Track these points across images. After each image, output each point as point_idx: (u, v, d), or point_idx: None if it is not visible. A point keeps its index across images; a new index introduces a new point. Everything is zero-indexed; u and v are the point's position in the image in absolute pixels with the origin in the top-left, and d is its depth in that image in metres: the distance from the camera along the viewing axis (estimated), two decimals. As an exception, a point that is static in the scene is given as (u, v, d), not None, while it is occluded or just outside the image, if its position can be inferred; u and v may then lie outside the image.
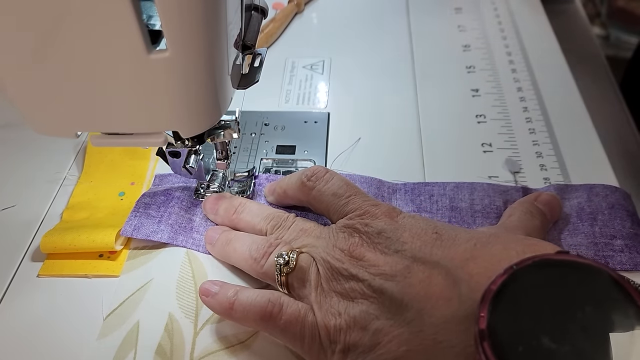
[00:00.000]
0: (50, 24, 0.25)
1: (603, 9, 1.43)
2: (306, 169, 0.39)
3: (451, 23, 0.62)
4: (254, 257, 0.36)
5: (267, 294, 0.34)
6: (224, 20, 0.29)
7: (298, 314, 0.33)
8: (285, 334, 0.33)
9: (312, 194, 0.38)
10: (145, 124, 0.31)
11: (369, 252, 0.33)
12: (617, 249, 0.37)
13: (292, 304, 0.33)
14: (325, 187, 0.38)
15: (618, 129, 0.57)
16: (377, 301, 0.31)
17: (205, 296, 0.35)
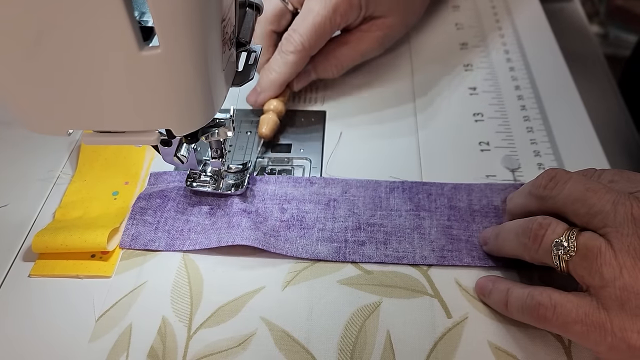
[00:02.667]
0: (41, 21, 0.25)
1: (602, 7, 1.43)
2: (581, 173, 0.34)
3: (449, 21, 0.61)
4: (524, 243, 0.33)
5: (537, 294, 0.31)
6: (217, 17, 0.28)
7: (576, 312, 0.29)
8: (567, 334, 0.30)
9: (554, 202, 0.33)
10: (138, 121, 0.30)
11: None
12: None
13: (566, 302, 0.29)
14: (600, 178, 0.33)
15: (616, 128, 0.56)
16: None
17: (482, 295, 0.34)
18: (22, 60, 0.27)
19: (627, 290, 0.27)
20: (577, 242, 0.29)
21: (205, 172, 0.43)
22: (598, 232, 0.29)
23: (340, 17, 0.47)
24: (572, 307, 0.29)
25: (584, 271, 0.29)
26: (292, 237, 0.40)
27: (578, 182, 0.31)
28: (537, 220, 0.32)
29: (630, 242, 0.27)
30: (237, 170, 0.43)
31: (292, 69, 0.48)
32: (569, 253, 0.29)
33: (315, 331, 0.36)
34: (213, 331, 0.36)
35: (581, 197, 0.30)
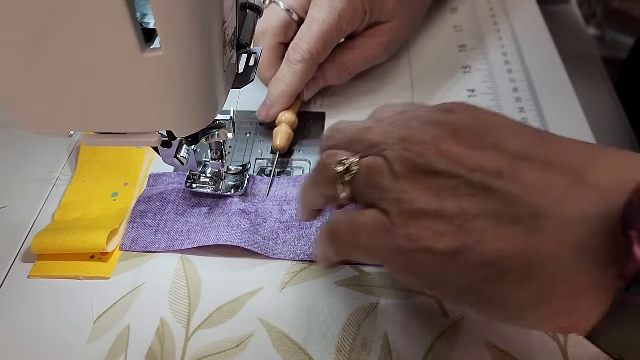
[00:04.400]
0: (43, 22, 0.25)
1: (599, 9, 1.43)
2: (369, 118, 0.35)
3: (447, 23, 0.62)
4: (316, 180, 0.33)
5: (332, 215, 0.32)
6: (219, 19, 0.28)
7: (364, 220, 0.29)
8: (356, 248, 0.30)
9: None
10: (139, 123, 0.30)
11: (459, 147, 0.28)
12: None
13: (358, 214, 0.30)
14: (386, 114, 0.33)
15: (614, 130, 0.57)
16: (475, 198, 0.26)
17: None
18: (24, 62, 0.27)
19: (404, 193, 0.28)
20: (359, 163, 0.30)
21: (205, 174, 0.43)
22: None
23: (346, 24, 0.47)
24: (362, 218, 0.29)
25: (367, 189, 0.30)
26: (291, 238, 0.40)
27: (356, 124, 0.33)
28: (326, 153, 0.33)
29: (401, 154, 0.29)
30: (236, 172, 0.43)
31: (301, 79, 0.47)
32: (351, 172, 0.30)
33: (314, 332, 0.36)
34: (211, 332, 0.36)
35: (356, 135, 0.32)
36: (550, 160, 0.26)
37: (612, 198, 0.24)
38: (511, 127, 0.28)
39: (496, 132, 0.28)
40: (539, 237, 0.25)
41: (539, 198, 0.26)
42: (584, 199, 0.25)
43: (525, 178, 0.26)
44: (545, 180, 0.26)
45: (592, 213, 0.25)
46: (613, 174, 0.25)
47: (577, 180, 0.25)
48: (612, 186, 0.25)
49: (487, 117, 0.29)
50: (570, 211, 0.25)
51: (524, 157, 0.27)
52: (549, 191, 0.26)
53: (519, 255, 0.25)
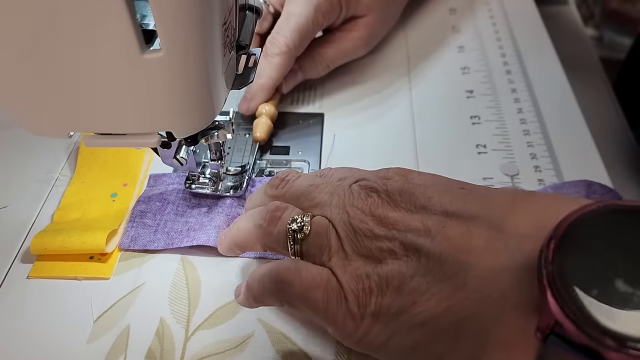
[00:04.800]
0: (43, 23, 0.25)
1: (597, 10, 1.43)
2: (315, 171, 0.37)
3: (445, 24, 0.62)
4: (260, 225, 0.33)
5: (281, 261, 0.32)
6: (219, 21, 0.28)
7: (320, 278, 0.30)
8: (307, 301, 0.30)
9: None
10: (139, 124, 0.30)
11: (393, 212, 0.30)
12: None
13: (311, 267, 0.31)
14: (331, 179, 0.35)
15: (612, 130, 0.57)
16: (410, 260, 0.28)
17: (237, 297, 0.34)
18: (24, 63, 0.27)
19: (347, 258, 0.30)
20: (311, 223, 0.32)
21: (204, 174, 0.43)
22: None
23: (322, 17, 0.49)
24: (316, 273, 0.31)
25: (316, 249, 0.31)
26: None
27: (304, 179, 0.35)
28: (274, 204, 0.34)
29: (341, 217, 0.31)
30: (235, 173, 0.44)
31: (279, 72, 0.48)
32: (303, 232, 0.31)
33: (313, 333, 0.36)
34: (210, 333, 0.36)
35: (305, 191, 0.34)
36: (473, 214, 0.28)
37: (528, 246, 0.26)
38: (438, 185, 0.31)
39: (424, 192, 0.30)
40: (465, 293, 0.26)
41: (462, 253, 0.27)
42: (502, 250, 0.26)
43: (451, 233, 0.28)
44: (467, 234, 0.27)
45: (511, 263, 0.26)
46: (531, 221, 0.27)
47: (496, 231, 0.27)
48: (530, 233, 0.26)
49: (415, 178, 0.32)
50: (491, 263, 0.26)
51: (449, 214, 0.29)
52: (471, 245, 0.27)
53: (450, 313, 0.27)
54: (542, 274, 0.22)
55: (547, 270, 0.22)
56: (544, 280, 0.22)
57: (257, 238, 0.34)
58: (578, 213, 0.24)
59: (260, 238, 0.34)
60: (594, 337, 0.21)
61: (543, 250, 0.23)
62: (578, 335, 0.21)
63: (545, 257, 0.23)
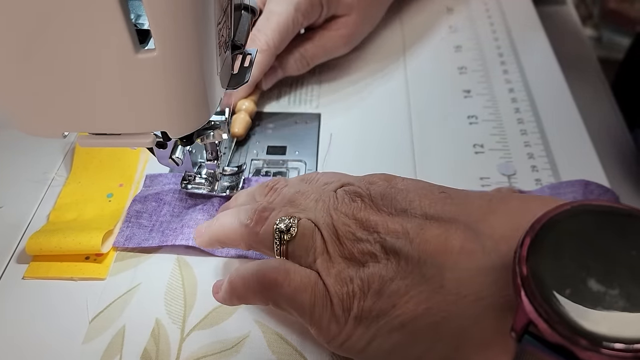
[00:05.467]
0: (36, 22, 0.25)
1: (595, 10, 1.43)
2: (302, 175, 0.38)
3: (443, 24, 0.62)
4: (246, 224, 0.34)
5: (269, 261, 0.32)
6: (213, 20, 0.28)
7: (308, 280, 0.31)
8: (294, 303, 0.31)
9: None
10: (133, 124, 0.30)
11: (374, 215, 0.31)
12: None
13: (299, 269, 0.31)
14: (317, 183, 0.36)
15: (609, 130, 0.57)
16: (389, 262, 0.29)
17: (216, 293, 0.34)
18: (17, 62, 0.27)
19: (331, 261, 0.31)
20: (298, 225, 0.32)
21: (200, 174, 0.43)
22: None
23: (302, 16, 0.49)
24: (305, 275, 0.31)
25: (302, 251, 0.32)
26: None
27: (292, 187, 0.35)
28: (262, 204, 0.34)
29: (326, 221, 0.32)
30: (232, 173, 0.43)
31: (259, 69, 0.49)
32: (290, 233, 0.32)
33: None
34: (206, 333, 0.36)
35: (291, 198, 0.34)
36: (451, 217, 0.29)
37: (504, 247, 0.26)
38: (420, 189, 0.31)
39: (405, 196, 0.31)
40: (442, 295, 0.27)
41: (440, 256, 0.28)
42: (479, 251, 0.27)
43: (428, 236, 0.28)
44: (444, 237, 0.28)
45: (487, 264, 0.26)
46: (508, 222, 0.27)
47: (473, 233, 0.28)
48: (506, 234, 0.27)
49: (398, 183, 0.32)
50: (467, 265, 0.27)
51: (428, 217, 0.29)
52: (448, 247, 0.28)
53: (427, 315, 0.27)
54: (516, 274, 0.23)
55: (520, 270, 0.23)
56: (517, 281, 0.23)
57: (242, 237, 0.34)
58: (551, 214, 0.24)
59: (245, 237, 0.34)
60: (567, 337, 0.21)
61: (517, 250, 0.23)
62: (552, 335, 0.21)
63: (519, 258, 0.23)
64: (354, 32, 0.53)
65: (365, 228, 0.31)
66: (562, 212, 0.24)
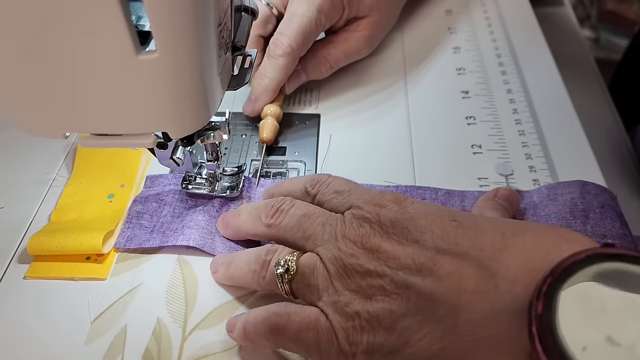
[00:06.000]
0: (38, 23, 0.25)
1: (593, 11, 1.44)
2: (310, 177, 0.38)
3: (442, 25, 0.62)
4: (254, 270, 0.35)
5: (273, 306, 0.32)
6: (214, 22, 0.28)
7: (309, 320, 0.31)
8: (299, 344, 0.31)
9: (316, 199, 0.36)
10: (134, 125, 0.31)
11: (385, 243, 0.30)
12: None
13: (300, 311, 0.31)
14: (327, 188, 0.36)
15: (607, 131, 0.57)
16: (400, 297, 0.28)
17: (230, 332, 0.34)
18: (19, 63, 0.27)
19: (337, 294, 0.30)
20: (297, 263, 0.32)
21: (201, 175, 0.43)
22: (314, 252, 0.33)
23: (325, 18, 0.49)
24: (305, 315, 0.31)
25: (305, 288, 0.32)
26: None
27: (298, 209, 0.35)
28: (265, 248, 0.35)
29: (332, 253, 0.31)
30: (232, 173, 0.44)
31: (283, 72, 0.49)
32: (290, 273, 0.32)
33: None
34: (207, 333, 0.36)
35: (297, 223, 0.34)
36: (463, 252, 0.28)
37: (519, 289, 0.26)
38: (430, 216, 0.31)
39: (417, 224, 0.30)
40: (456, 336, 0.27)
41: (453, 295, 0.27)
42: (493, 293, 0.26)
43: (442, 273, 0.28)
44: (457, 275, 0.27)
45: (502, 307, 0.26)
46: (522, 262, 0.27)
47: (487, 272, 0.27)
48: (520, 275, 0.26)
49: (408, 206, 0.32)
50: (481, 307, 0.26)
51: (440, 250, 0.29)
52: (462, 286, 0.27)
53: (442, 355, 0.27)
54: (532, 327, 0.23)
55: (536, 324, 0.23)
56: (533, 334, 0.23)
57: (253, 282, 0.35)
58: (565, 264, 0.24)
59: (256, 282, 0.35)
60: None
61: (533, 302, 0.23)
62: None
63: (535, 310, 0.23)
64: (375, 32, 0.53)
65: (375, 258, 0.30)
66: (577, 261, 0.24)
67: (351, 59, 0.54)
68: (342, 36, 0.52)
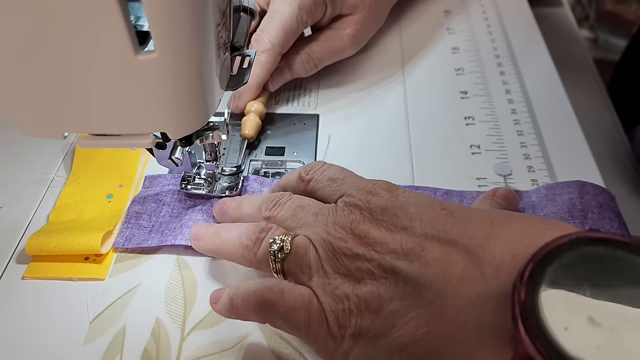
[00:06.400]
0: (37, 23, 0.25)
1: (592, 12, 1.44)
2: (305, 165, 0.39)
3: (440, 25, 0.62)
4: (245, 245, 0.34)
5: (265, 281, 0.32)
6: (213, 22, 0.28)
7: (302, 299, 0.31)
8: (289, 322, 0.31)
9: (310, 185, 0.37)
10: (133, 125, 0.31)
11: (373, 230, 0.30)
12: None
13: (293, 288, 0.32)
14: (321, 175, 0.37)
15: (605, 131, 0.57)
16: (388, 282, 0.29)
17: (214, 303, 0.34)
18: (17, 63, 0.27)
19: (327, 277, 0.31)
20: (291, 242, 0.33)
21: (200, 175, 0.43)
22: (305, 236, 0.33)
23: (306, 14, 0.49)
24: (299, 294, 0.31)
25: (296, 268, 0.32)
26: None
27: (294, 201, 0.36)
28: (260, 225, 0.35)
29: (322, 237, 0.32)
30: (231, 173, 0.44)
31: (265, 69, 0.49)
32: (284, 251, 0.33)
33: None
34: (206, 333, 0.36)
35: (292, 213, 0.35)
36: (451, 239, 0.28)
37: (504, 275, 0.26)
38: (421, 205, 0.31)
39: (406, 211, 0.31)
40: (442, 321, 0.27)
41: (440, 280, 0.27)
42: (479, 278, 0.27)
43: (429, 259, 0.28)
44: (445, 261, 0.28)
45: (487, 292, 0.26)
46: (508, 248, 0.27)
47: (474, 259, 0.27)
48: (506, 261, 0.26)
49: (400, 195, 0.32)
50: (467, 292, 0.27)
51: (428, 237, 0.29)
52: (449, 272, 0.27)
53: (428, 339, 0.27)
54: (515, 310, 0.23)
55: (519, 307, 0.23)
56: (516, 317, 0.23)
57: (243, 256, 0.35)
58: (548, 247, 0.24)
59: (245, 257, 0.35)
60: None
61: (515, 286, 0.24)
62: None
63: (518, 294, 0.23)
64: (360, 31, 0.53)
65: (363, 243, 0.30)
66: (560, 245, 0.24)
67: (336, 57, 0.54)
68: (326, 34, 0.53)
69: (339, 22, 0.53)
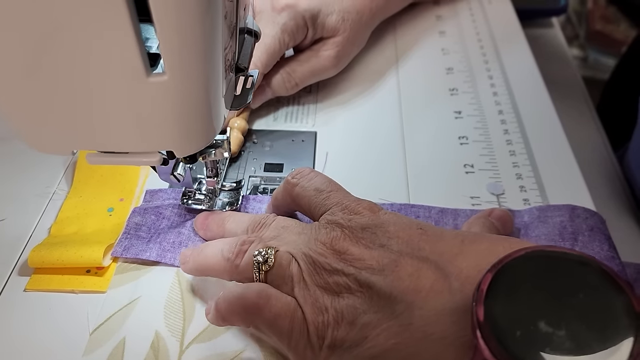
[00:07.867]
0: (49, 42, 0.25)
1: (581, 31, 1.47)
2: (293, 170, 0.40)
3: (435, 46, 0.63)
4: (227, 258, 0.36)
5: (253, 285, 0.34)
6: (221, 45, 0.29)
7: (288, 308, 0.32)
8: (273, 328, 0.32)
9: (295, 190, 0.38)
10: (141, 143, 0.31)
11: (353, 247, 0.32)
12: None
13: (280, 296, 0.33)
14: (308, 183, 0.38)
15: (594, 150, 0.58)
16: (363, 295, 0.31)
17: (207, 314, 0.35)
18: (31, 80, 0.27)
19: (307, 289, 0.32)
20: (275, 256, 0.34)
21: (200, 190, 0.44)
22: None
23: (289, 37, 0.51)
24: (286, 302, 0.33)
25: (279, 280, 0.34)
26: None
27: (279, 222, 0.37)
28: (241, 238, 0.36)
29: (303, 251, 0.34)
30: (231, 189, 0.44)
31: None
32: (268, 264, 0.34)
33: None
34: (204, 347, 0.36)
35: (277, 233, 0.36)
36: (424, 256, 0.31)
37: (468, 288, 0.28)
38: (399, 224, 0.33)
39: (385, 230, 0.33)
40: (410, 332, 0.28)
41: (410, 293, 0.29)
42: (446, 292, 0.29)
43: (402, 273, 0.30)
44: (416, 275, 0.30)
45: (452, 305, 0.28)
46: (474, 264, 0.29)
47: (443, 273, 0.29)
48: (471, 275, 0.28)
49: (381, 215, 0.34)
50: (434, 304, 0.28)
51: (404, 254, 0.31)
52: (419, 285, 0.29)
53: (396, 350, 0.29)
54: (473, 317, 0.25)
55: (477, 314, 0.24)
56: (474, 323, 0.24)
57: (225, 270, 0.36)
58: (507, 259, 0.26)
59: (227, 270, 0.36)
60: None
61: (474, 295, 0.25)
62: None
63: (476, 302, 0.25)
64: (341, 53, 0.55)
65: (342, 259, 0.32)
66: (518, 257, 0.26)
67: (317, 77, 0.56)
68: (308, 55, 0.54)
69: (320, 44, 0.54)
